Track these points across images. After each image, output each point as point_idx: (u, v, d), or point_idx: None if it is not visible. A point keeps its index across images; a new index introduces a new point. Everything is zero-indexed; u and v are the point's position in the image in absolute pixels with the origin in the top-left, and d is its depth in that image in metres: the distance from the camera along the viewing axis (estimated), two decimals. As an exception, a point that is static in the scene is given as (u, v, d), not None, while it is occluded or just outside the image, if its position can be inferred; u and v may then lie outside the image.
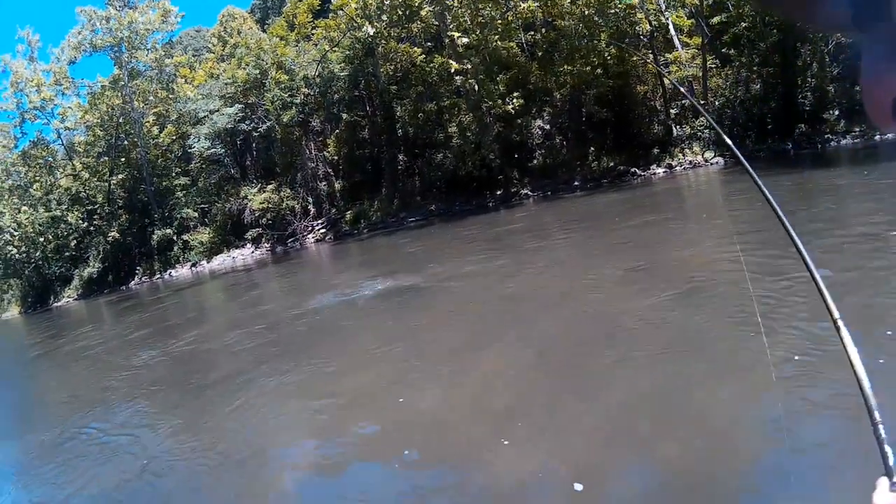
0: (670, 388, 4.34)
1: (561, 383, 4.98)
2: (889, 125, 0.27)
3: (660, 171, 23.68)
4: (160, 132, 29.53)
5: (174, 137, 28.81)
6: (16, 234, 33.45)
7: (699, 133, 24.92)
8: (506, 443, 4.09)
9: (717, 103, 25.74)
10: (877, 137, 23.44)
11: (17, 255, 33.58)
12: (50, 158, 34.86)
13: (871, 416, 0.97)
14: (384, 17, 24.58)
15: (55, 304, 32.40)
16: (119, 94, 31.60)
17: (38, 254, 33.23)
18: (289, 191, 24.05)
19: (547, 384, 5.04)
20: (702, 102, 25.60)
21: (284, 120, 24.30)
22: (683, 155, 24.49)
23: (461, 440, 4.39)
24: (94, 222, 31.34)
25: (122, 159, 30.57)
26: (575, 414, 4.37)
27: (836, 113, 25.21)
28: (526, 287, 8.65)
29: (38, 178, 34.05)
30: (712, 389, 4.21)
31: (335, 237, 23.46)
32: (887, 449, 0.89)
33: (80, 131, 33.85)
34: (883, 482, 0.86)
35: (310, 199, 23.98)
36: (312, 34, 26.48)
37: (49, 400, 9.60)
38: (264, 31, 29.50)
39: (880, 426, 0.95)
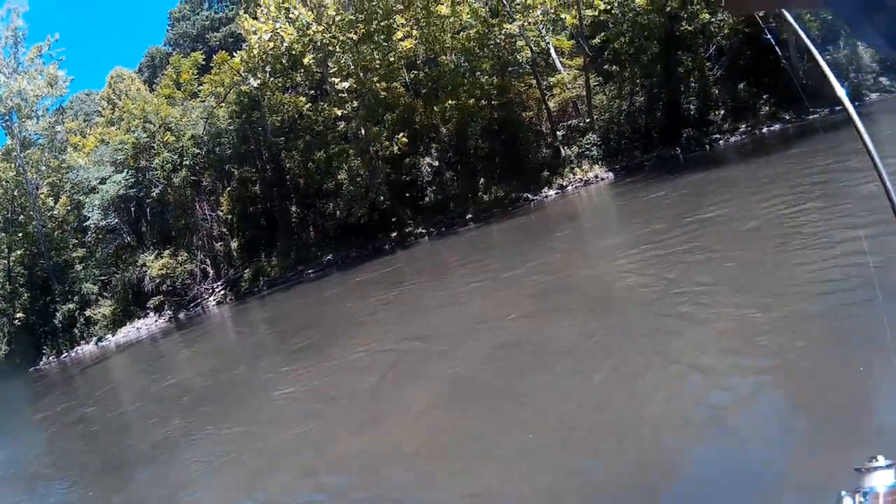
0: (596, 404, 4.53)
1: (485, 414, 5.09)
2: (737, 10, 0.28)
3: (552, 193, 24.18)
4: (55, 203, 28.69)
5: (69, 208, 28.00)
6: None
7: (587, 151, 25.63)
8: (438, 478, 4.27)
9: (601, 120, 26.53)
10: (764, 130, 24.79)
11: (-82, 338, 31.81)
12: (-53, 236, 33.31)
13: None
14: (267, 68, 24.59)
15: (-35, 390, 30.96)
16: (12, 165, 30.52)
17: (-60, 336, 31.57)
18: (186, 254, 23.69)
19: (470, 417, 5.17)
20: (587, 121, 26.44)
21: (175, 182, 23.97)
22: (574, 174, 25.03)
23: (396, 479, 4.52)
24: (-3, 303, 30.06)
25: (20, 234, 29.46)
26: (499, 444, 4.47)
27: (722, 113, 26.42)
28: (435, 324, 8.58)
29: (-65, 256, 32.41)
30: (637, 398, 4.43)
31: (236, 297, 23.20)
32: None
33: (-24, 207, 32.49)
34: None
35: (207, 261, 23.69)
36: (199, 91, 26.25)
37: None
38: (153, 90, 29.08)
39: None
